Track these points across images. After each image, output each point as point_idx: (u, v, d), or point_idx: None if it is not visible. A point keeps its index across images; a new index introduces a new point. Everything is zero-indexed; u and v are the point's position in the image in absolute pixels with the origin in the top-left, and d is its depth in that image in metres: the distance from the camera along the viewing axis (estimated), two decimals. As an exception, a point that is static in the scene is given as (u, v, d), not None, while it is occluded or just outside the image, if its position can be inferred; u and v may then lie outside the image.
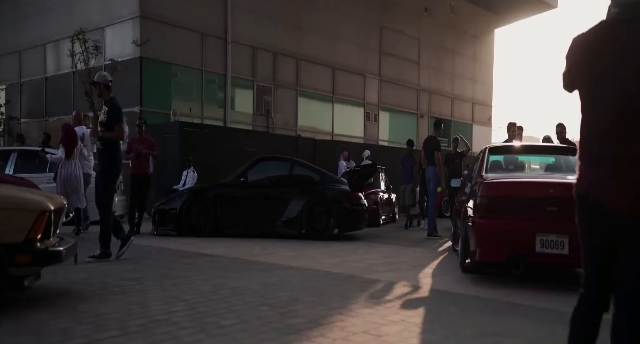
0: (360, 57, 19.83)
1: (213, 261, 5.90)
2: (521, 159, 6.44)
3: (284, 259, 6.22)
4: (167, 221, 8.44)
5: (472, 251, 5.07)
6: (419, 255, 7.04)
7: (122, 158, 6.19)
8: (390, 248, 7.67)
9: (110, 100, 5.93)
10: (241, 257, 6.27)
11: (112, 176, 5.94)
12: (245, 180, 8.61)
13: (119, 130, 5.81)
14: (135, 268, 5.30)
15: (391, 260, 6.36)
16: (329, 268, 5.63)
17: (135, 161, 8.45)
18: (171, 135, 12.45)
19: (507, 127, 8.86)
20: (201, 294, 4.15)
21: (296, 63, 17.49)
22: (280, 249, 7.17)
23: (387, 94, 21.13)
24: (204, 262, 5.84)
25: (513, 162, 6.25)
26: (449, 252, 7.41)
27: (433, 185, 9.29)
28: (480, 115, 26.09)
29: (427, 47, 22.77)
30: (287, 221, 8.45)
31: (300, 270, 5.50)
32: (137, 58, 13.42)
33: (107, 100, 5.96)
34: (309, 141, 15.45)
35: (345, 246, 7.71)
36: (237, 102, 16.25)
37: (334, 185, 8.75)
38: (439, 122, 9.76)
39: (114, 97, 5.98)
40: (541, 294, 4.52)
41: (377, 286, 4.77)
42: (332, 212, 8.39)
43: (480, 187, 5.05)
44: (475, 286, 4.86)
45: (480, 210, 4.96)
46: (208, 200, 8.46)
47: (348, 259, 6.38)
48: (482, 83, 26.16)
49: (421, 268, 5.81)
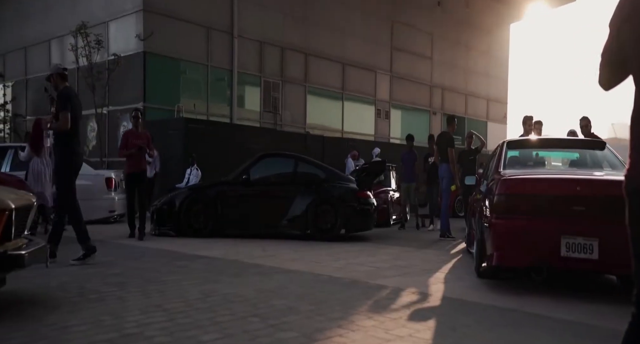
0: (371, 53, 19.33)
1: (208, 264, 5.50)
2: (541, 155, 5.93)
3: (284, 262, 5.81)
4: (166, 221, 8.08)
5: (488, 255, 4.60)
6: (430, 257, 6.58)
7: (78, 152, 5.53)
8: (400, 250, 7.21)
9: (62, 89, 5.46)
10: (239, 259, 5.86)
11: (67, 171, 5.43)
12: (247, 177, 8.21)
13: (63, 119, 5.22)
14: (122, 272, 4.91)
15: (400, 263, 5.91)
16: (331, 272, 5.20)
17: (130, 158, 7.68)
18: (175, 131, 12.10)
19: (522, 121, 8.29)
20: (186, 302, 3.74)
21: (304, 58, 17.05)
22: (282, 250, 6.77)
23: (398, 91, 20.61)
24: (198, 265, 5.44)
25: (533, 157, 5.76)
26: (463, 255, 6.93)
27: (446, 182, 8.81)
28: (495, 113, 25.43)
29: (440, 42, 22.19)
30: (291, 221, 8.04)
31: (301, 274, 5.08)
32: (140, 53, 13.08)
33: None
34: (317, 138, 15.02)
35: (351, 247, 7.27)
36: (243, 98, 15.87)
37: (341, 183, 8.32)
38: (452, 117, 9.26)
39: (66, 87, 5.49)
40: (566, 304, 4.04)
41: (382, 293, 4.33)
42: (339, 211, 7.96)
43: (498, 184, 4.58)
44: (492, 293, 4.40)
45: (498, 209, 4.49)
46: (208, 199, 8.08)
47: (353, 262, 5.94)
48: (497, 79, 25.49)
49: (432, 273, 5.35)
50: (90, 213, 9.61)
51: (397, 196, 11.48)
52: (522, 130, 8.35)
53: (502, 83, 26.06)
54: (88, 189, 9.63)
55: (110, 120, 13.79)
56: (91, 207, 9.59)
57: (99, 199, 9.70)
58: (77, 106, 5.47)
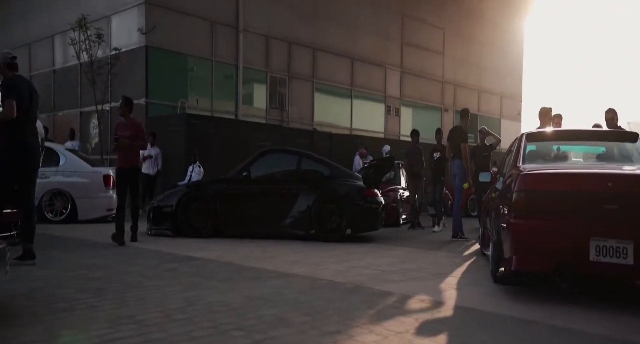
0: (381, 48, 18.80)
1: (199, 267, 5.08)
2: (564, 148, 5.43)
3: (283, 264, 5.37)
4: (162, 220, 7.68)
5: (506, 259, 4.13)
6: (441, 260, 6.10)
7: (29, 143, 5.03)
8: (408, 251, 6.75)
9: (9, 77, 5.04)
10: (235, 262, 5.44)
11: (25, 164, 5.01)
12: (247, 174, 7.79)
13: (7, 107, 4.81)
14: (104, 276, 4.51)
15: (408, 267, 5.44)
16: (333, 276, 4.76)
17: (120, 152, 6.92)
18: (176, 128, 11.72)
19: (539, 114, 7.59)
20: (164, 312, 3.32)
21: (312, 53, 16.58)
22: (283, 252, 6.34)
23: (409, 87, 20.06)
24: (188, 268, 5.02)
25: (555, 150, 5.26)
26: (477, 257, 6.45)
27: (459, 180, 8.32)
28: (509, 110, 24.75)
29: (452, 37, 21.59)
30: (294, 220, 7.61)
31: (299, 278, 4.64)
32: (142, 47, 12.71)
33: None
34: (325, 135, 14.55)
35: (357, 248, 6.82)
36: (249, 94, 15.44)
37: (347, 181, 7.86)
38: (466, 111, 8.76)
39: (14, 75, 5.06)
40: (597, 315, 3.56)
41: (387, 300, 3.87)
42: (344, 210, 7.51)
43: (517, 180, 4.10)
44: (511, 302, 3.92)
45: (517, 208, 4.01)
46: (207, 197, 7.67)
47: (357, 264, 5.49)
48: (511, 75, 24.79)
49: (443, 277, 4.88)
50: (88, 212, 9.34)
51: (406, 195, 11.00)
52: (539, 124, 7.79)
53: (516, 80, 25.35)
54: (85, 187, 9.34)
55: (113, 117, 13.46)
56: (89, 206, 9.32)
57: (97, 197, 9.37)
58: (28, 95, 5.02)
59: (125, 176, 6.90)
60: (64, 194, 9.17)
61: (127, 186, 6.90)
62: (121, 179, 6.96)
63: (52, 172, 9.10)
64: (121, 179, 6.96)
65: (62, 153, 9.39)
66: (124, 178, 6.93)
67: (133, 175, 6.92)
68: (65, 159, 9.31)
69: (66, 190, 9.14)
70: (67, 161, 9.30)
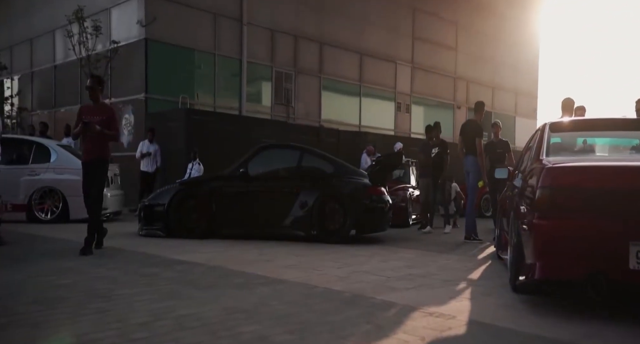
0: (391, 42, 18.21)
1: (183, 272, 4.59)
2: (593, 141, 4.83)
3: (277, 269, 4.86)
4: (153, 220, 7.20)
5: (528, 265, 3.57)
6: (452, 264, 5.54)
7: None
8: (417, 254, 6.19)
9: None
10: (224, 266, 4.93)
11: None
12: (245, 171, 7.29)
13: None
14: (72, 283, 4.03)
15: (416, 272, 4.89)
16: (331, 282, 4.23)
17: (87, 141, 5.63)
18: (176, 123, 11.27)
19: (562, 106, 6.96)
20: (123, 329, 2.81)
21: (319, 48, 16.05)
22: (280, 254, 5.83)
23: (420, 83, 19.45)
24: (170, 273, 4.52)
25: (583, 142, 4.67)
26: (492, 261, 5.88)
27: (473, 177, 7.74)
28: (525, 107, 24.01)
29: (465, 31, 20.92)
30: (294, 220, 7.09)
31: (293, 285, 4.12)
32: (142, 40, 12.28)
33: None
34: (332, 132, 14.01)
35: (361, 251, 6.28)
36: (253, 89, 14.95)
37: (351, 178, 7.33)
38: (481, 104, 8.16)
39: None
40: (637, 331, 2.99)
41: (389, 313, 3.34)
42: (348, 210, 6.98)
43: (542, 175, 3.53)
44: (534, 316, 3.36)
45: (542, 206, 3.45)
46: (202, 195, 7.18)
47: (360, 269, 4.95)
48: (527, 71, 24.03)
49: (455, 284, 4.33)
50: (80, 211, 8.83)
51: (417, 194, 10.44)
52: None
53: (532, 76, 24.59)
54: (78, 185, 8.84)
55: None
56: (81, 204, 8.79)
57: (90, 195, 8.90)
58: None
59: (89, 171, 5.61)
60: (55, 192, 8.74)
61: (90, 183, 5.62)
62: (85, 174, 5.63)
63: (42, 168, 8.69)
64: (85, 174, 5.63)
65: (53, 149, 8.97)
66: (87, 172, 5.62)
67: (99, 169, 5.64)
68: (57, 155, 8.89)
69: (57, 188, 8.72)
70: (58, 157, 8.87)
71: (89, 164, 5.65)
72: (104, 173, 5.77)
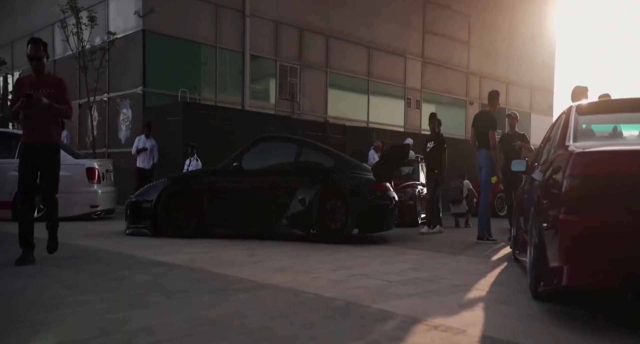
0: (401, 36, 17.59)
1: (157, 275, 4.07)
2: (625, 127, 4.22)
3: (265, 271, 4.33)
4: (140, 218, 6.71)
5: (552, 269, 3.01)
6: (464, 267, 4.96)
7: None
8: (425, 256, 5.62)
9: None
10: (206, 268, 4.41)
11: None
12: (239, 165, 6.77)
13: None
14: (19, 288, 3.53)
15: (421, 275, 4.32)
16: (322, 288, 3.69)
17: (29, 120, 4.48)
18: (174, 118, 10.79)
19: (572, 94, 6.11)
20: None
21: (326, 41, 15.49)
22: (273, 255, 5.30)
23: (431, 78, 18.80)
24: (143, 276, 4.01)
25: (614, 127, 4.07)
26: (508, 263, 5.29)
27: (486, 172, 7.14)
28: (540, 103, 23.22)
29: (479, 24, 20.22)
30: (292, 218, 6.56)
31: (278, 290, 3.59)
32: (139, 31, 11.81)
33: None
34: (338, 127, 13.44)
35: (362, 252, 5.73)
36: (257, 84, 14.43)
37: (354, 173, 6.78)
38: (495, 93, 7.54)
39: None
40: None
41: (386, 326, 2.79)
42: (350, 207, 6.43)
43: (570, 162, 2.97)
44: (560, 330, 2.79)
45: (570, 199, 2.89)
46: (192, 191, 6.68)
47: (359, 272, 4.40)
48: (543, 66, 23.23)
49: (466, 291, 3.76)
50: (68, 209, 8.39)
51: (426, 192, 9.85)
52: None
53: (547, 71, 23.79)
54: (65, 181, 8.36)
55: (110, 107, 12.64)
56: (69, 202, 8.35)
57: (79, 192, 8.47)
58: None
59: (34, 157, 4.44)
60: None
61: (36, 172, 4.49)
62: (27, 161, 4.44)
63: (29, 164, 8.24)
64: (27, 161, 4.44)
65: (41, 143, 8.51)
66: (31, 159, 4.43)
67: (47, 157, 4.50)
68: (45, 150, 8.42)
69: (45, 184, 8.25)
70: (46, 152, 8.41)
71: (33, 148, 4.46)
72: (57, 163, 4.62)
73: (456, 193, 10.17)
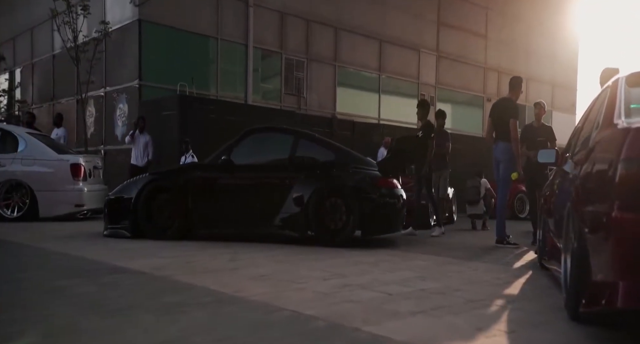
0: (415, 28, 16.79)
1: (105, 286, 3.38)
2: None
3: (242, 281, 3.62)
4: (119, 218, 6.05)
5: (601, 284, 2.26)
6: (481, 275, 4.18)
7: None
8: (436, 262, 4.85)
9: None
10: (171, 276, 3.71)
11: None
12: (227, 159, 6.07)
13: None
14: None
15: (430, 286, 3.57)
16: (305, 302, 2.97)
17: None
18: (170, 112, 10.16)
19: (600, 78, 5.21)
20: None
21: (334, 33, 14.76)
22: (258, 260, 4.59)
23: (446, 73, 17.95)
24: (87, 287, 3.32)
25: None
26: (533, 272, 4.50)
27: (504, 168, 6.33)
28: (562, 100, 22.16)
29: (497, 17, 19.30)
30: (287, 218, 5.85)
31: (248, 307, 2.88)
32: (135, 21, 11.21)
33: None
34: (346, 123, 12.70)
35: (363, 257, 4.99)
36: (260, 78, 13.76)
37: (357, 168, 6.04)
38: (517, 79, 6.74)
39: None
40: None
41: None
42: (352, 206, 5.69)
43: (627, 141, 2.22)
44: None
45: (626, 191, 2.15)
46: (177, 188, 6.00)
47: (354, 282, 3.67)
48: (565, 62, 22.15)
49: (484, 308, 3.00)
50: (51, 208, 7.85)
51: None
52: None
53: (570, 67, 22.71)
54: (48, 178, 7.87)
55: (107, 103, 12.07)
56: (52, 200, 7.84)
57: (62, 191, 7.89)
58: None
59: None
60: (23, 186, 7.71)
61: None
62: None
63: (8, 159, 7.69)
64: None
65: (21, 137, 7.95)
66: None
67: None
68: (26, 144, 7.86)
69: (25, 181, 7.69)
70: (27, 146, 7.85)
71: None
72: None
73: (473, 193, 9.41)
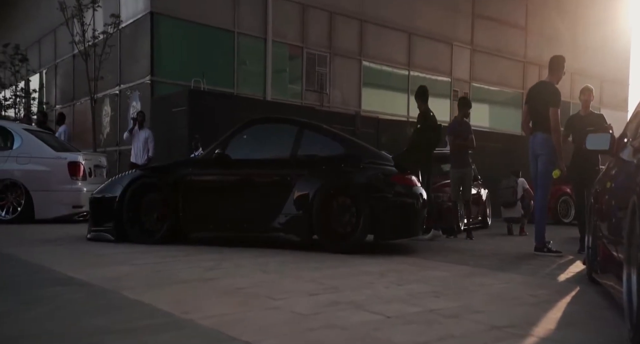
0: (447, 20, 15.89)
1: (32, 303, 2.73)
2: None
3: (205, 296, 2.91)
4: (103, 219, 5.45)
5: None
6: (512, 291, 3.33)
7: None
8: (456, 272, 4.00)
9: None
10: (121, 289, 3.04)
11: None
12: (222, 153, 5.38)
13: None
14: None
15: (443, 305, 2.76)
16: (271, 328, 2.26)
17: None
18: (180, 108, 9.62)
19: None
20: None
21: (360, 26, 14.02)
22: (241, 269, 3.90)
23: (481, 68, 16.92)
24: (3, 305, 2.67)
25: None
26: (581, 288, 3.61)
27: (544, 162, 5.39)
28: (612, 96, 20.65)
29: (538, 8, 18.10)
30: (289, 220, 5.11)
31: (188, 335, 2.17)
32: (147, 14, 10.75)
33: None
34: (370, 120, 11.91)
35: (370, 265, 4.20)
36: (280, 73, 13.15)
37: (370, 163, 5.25)
38: (559, 59, 5.83)
39: None
40: None
41: None
42: (363, 206, 4.90)
43: None
44: None
45: None
46: (165, 186, 5.35)
47: (347, 298, 2.90)
48: (615, 55, 20.64)
49: (509, 338, 2.19)
50: (47, 209, 7.38)
51: (473, 193, 8.17)
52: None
53: (621, 60, 21.20)
54: (44, 177, 7.40)
55: (122, 101, 11.68)
56: (48, 201, 7.36)
57: (59, 191, 7.42)
58: None
59: None
60: (18, 186, 7.26)
61: None
62: None
63: (3, 157, 7.26)
64: None
65: (17, 133, 7.52)
66: None
67: None
68: (21, 141, 7.42)
69: (20, 181, 7.24)
70: (23, 143, 7.41)
71: None
72: None
73: (509, 194, 8.46)
